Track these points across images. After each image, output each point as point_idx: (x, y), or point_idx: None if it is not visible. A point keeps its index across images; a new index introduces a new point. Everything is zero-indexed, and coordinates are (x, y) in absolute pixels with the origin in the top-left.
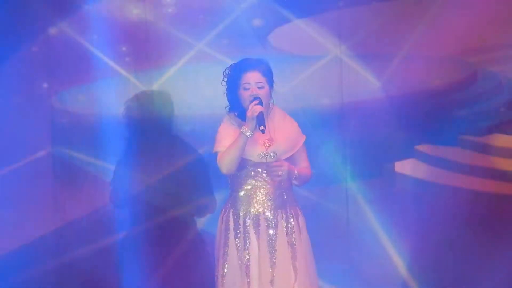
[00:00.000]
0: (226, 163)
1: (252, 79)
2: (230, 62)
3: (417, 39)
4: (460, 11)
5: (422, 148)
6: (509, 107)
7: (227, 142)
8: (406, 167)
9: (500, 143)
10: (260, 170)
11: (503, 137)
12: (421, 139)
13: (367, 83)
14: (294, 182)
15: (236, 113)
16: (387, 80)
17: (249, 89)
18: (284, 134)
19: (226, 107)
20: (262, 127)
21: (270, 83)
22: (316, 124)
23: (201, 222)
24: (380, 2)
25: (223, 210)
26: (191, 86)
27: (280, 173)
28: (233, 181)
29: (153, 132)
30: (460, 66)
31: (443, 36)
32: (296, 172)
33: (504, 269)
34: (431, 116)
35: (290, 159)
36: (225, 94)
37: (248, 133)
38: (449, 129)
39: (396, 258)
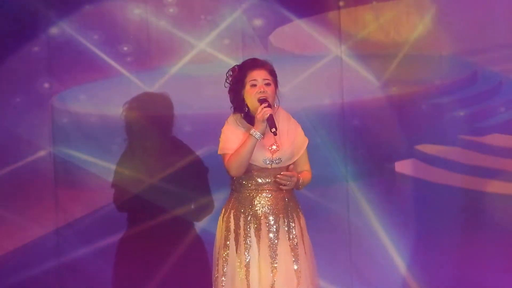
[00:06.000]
0: (235, 166)
1: (259, 76)
2: (231, 62)
3: (417, 39)
4: (460, 11)
5: (422, 148)
6: (509, 107)
7: (234, 144)
8: (406, 167)
9: (500, 143)
10: (264, 174)
11: (503, 137)
12: (421, 139)
13: (367, 83)
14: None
15: (242, 115)
16: (387, 80)
17: (256, 85)
18: (289, 139)
19: (230, 107)
20: (274, 130)
21: (276, 83)
22: (316, 124)
23: (201, 222)
24: (380, 2)
25: (224, 210)
26: (192, 86)
27: (288, 183)
28: (236, 182)
29: (151, 133)
30: (460, 66)
31: (443, 36)
32: (300, 181)
33: (505, 269)
34: (431, 116)
35: (293, 163)
36: (228, 95)
37: (258, 136)
38: (449, 129)
39: (396, 258)
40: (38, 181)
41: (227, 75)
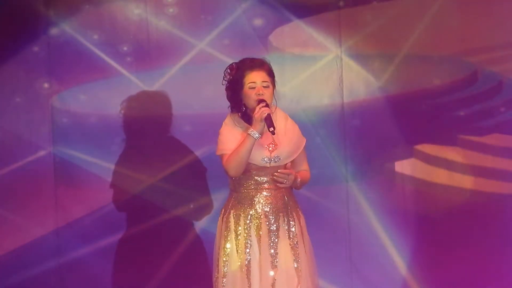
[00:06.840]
0: (234, 166)
1: (258, 78)
2: (231, 62)
3: (417, 39)
4: (460, 10)
5: (422, 148)
6: (509, 107)
7: (232, 144)
8: (406, 167)
9: (500, 143)
10: (263, 173)
11: (503, 137)
12: (421, 139)
13: (367, 83)
14: (293, 187)
15: (239, 114)
16: (387, 80)
17: (254, 88)
18: (287, 138)
19: (228, 107)
20: (272, 129)
21: (274, 83)
22: (316, 124)
23: (201, 222)
24: (380, 2)
25: (224, 210)
26: (192, 86)
27: (285, 181)
28: (235, 182)
29: (151, 133)
30: (460, 66)
31: (443, 36)
32: (298, 180)
33: (504, 269)
34: (431, 116)
35: (291, 162)
36: (225, 94)
37: (256, 135)
38: (449, 129)
39: (396, 258)
40: (38, 181)
41: (225, 72)
